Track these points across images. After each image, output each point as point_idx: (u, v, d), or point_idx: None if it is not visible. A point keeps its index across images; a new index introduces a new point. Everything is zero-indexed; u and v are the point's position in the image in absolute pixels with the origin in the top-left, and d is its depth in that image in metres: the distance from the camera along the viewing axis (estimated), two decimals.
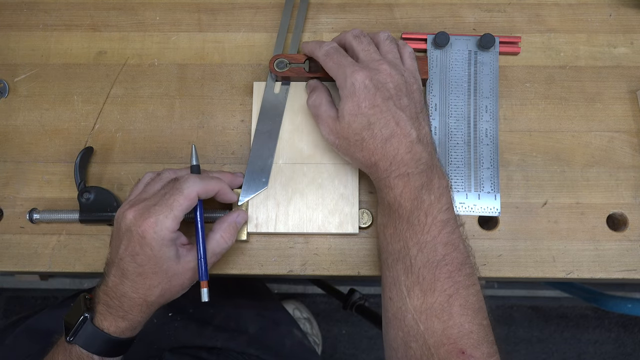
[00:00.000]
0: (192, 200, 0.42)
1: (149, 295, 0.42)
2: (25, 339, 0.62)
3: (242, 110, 0.54)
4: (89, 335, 0.42)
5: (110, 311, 0.43)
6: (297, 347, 0.73)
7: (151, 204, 0.42)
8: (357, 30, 0.47)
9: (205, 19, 0.56)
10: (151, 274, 0.42)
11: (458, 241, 0.42)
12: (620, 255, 0.50)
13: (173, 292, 0.44)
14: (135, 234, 0.41)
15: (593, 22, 0.55)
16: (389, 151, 0.42)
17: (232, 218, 0.47)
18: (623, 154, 0.52)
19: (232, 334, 0.66)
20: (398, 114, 0.43)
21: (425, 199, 0.42)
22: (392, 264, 0.43)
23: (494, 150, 0.51)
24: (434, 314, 0.40)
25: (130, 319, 0.43)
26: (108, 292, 0.43)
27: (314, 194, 0.50)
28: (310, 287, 1.29)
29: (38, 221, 0.50)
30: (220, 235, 0.45)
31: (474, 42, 0.53)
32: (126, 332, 0.43)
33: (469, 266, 0.42)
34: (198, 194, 0.43)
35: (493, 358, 0.40)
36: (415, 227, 0.42)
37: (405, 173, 0.42)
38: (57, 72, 0.55)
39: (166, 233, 0.41)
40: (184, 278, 0.44)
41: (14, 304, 1.30)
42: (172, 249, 0.42)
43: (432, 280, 0.40)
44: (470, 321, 0.40)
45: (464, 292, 0.41)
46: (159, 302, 0.44)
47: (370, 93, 0.43)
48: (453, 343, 0.39)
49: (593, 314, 1.29)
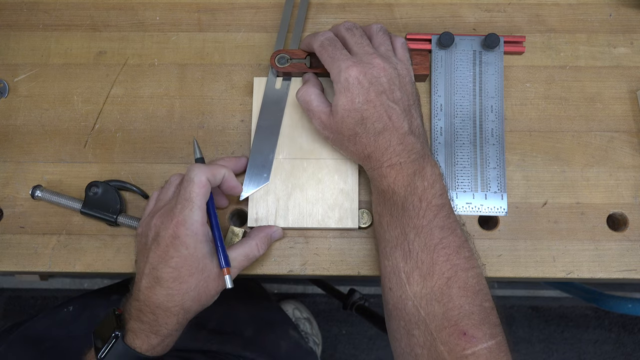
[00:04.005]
0: (205, 187, 0.42)
1: (185, 300, 0.41)
2: (19, 347, 0.61)
3: (242, 110, 0.54)
4: (120, 354, 0.41)
5: (142, 327, 0.42)
6: (293, 348, 0.72)
7: (171, 207, 0.42)
8: (349, 23, 0.47)
9: (205, 19, 0.56)
10: (187, 277, 0.41)
11: (455, 225, 0.42)
12: (620, 255, 0.50)
13: (208, 297, 0.43)
14: (166, 237, 0.40)
15: (593, 22, 0.55)
16: (382, 144, 0.43)
17: (269, 230, 0.48)
18: (623, 154, 0.52)
19: (227, 337, 0.66)
20: (391, 108, 0.43)
21: (419, 185, 0.42)
22: (390, 251, 0.43)
23: (500, 150, 0.51)
24: (434, 297, 0.40)
25: (164, 334, 0.42)
26: (141, 307, 0.42)
27: (313, 189, 0.50)
28: (310, 287, 1.29)
29: (39, 199, 0.50)
30: (256, 243, 0.46)
31: (478, 42, 0.53)
32: (157, 348, 0.42)
33: (467, 249, 0.42)
34: (207, 178, 0.42)
35: (496, 339, 0.39)
36: (410, 212, 0.42)
37: (397, 162, 0.43)
38: (57, 72, 0.55)
39: (198, 227, 0.41)
40: (219, 280, 0.43)
41: (14, 304, 1.29)
42: (207, 245, 0.42)
43: (430, 264, 0.41)
44: (470, 302, 0.40)
45: (463, 275, 0.41)
46: (194, 308, 0.42)
47: (363, 88, 0.43)
48: (454, 325, 0.39)
49: (593, 314, 1.29)
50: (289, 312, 1.22)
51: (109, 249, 0.51)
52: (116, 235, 0.51)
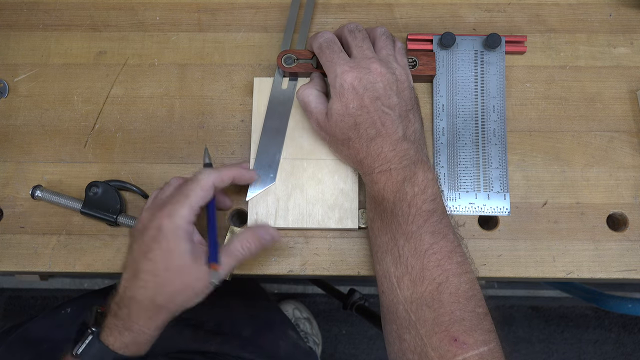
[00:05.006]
0: (207, 191, 0.42)
1: (157, 295, 0.40)
2: (18, 348, 0.61)
3: (242, 110, 0.54)
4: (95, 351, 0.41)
5: (117, 323, 0.41)
6: (291, 348, 0.72)
7: (165, 202, 0.41)
8: (352, 25, 0.47)
9: (205, 19, 0.56)
10: (163, 271, 0.39)
11: (446, 230, 0.42)
12: (620, 255, 0.50)
13: (186, 297, 0.41)
14: (151, 228, 0.40)
15: (593, 22, 0.55)
16: (373, 150, 0.43)
17: (257, 229, 0.45)
18: (623, 154, 0.52)
19: (225, 338, 0.65)
20: (385, 114, 0.43)
21: (408, 191, 0.42)
22: (381, 256, 0.43)
23: (502, 150, 0.51)
24: (425, 302, 0.40)
25: (136, 330, 0.41)
26: (118, 301, 0.41)
27: (313, 189, 0.50)
28: (310, 287, 1.29)
29: (39, 199, 0.50)
30: (240, 242, 0.43)
31: (480, 42, 0.53)
32: (131, 347, 0.41)
33: (460, 254, 0.42)
34: (214, 183, 0.42)
35: (488, 346, 0.39)
36: (399, 218, 0.42)
37: (387, 169, 0.43)
38: (57, 72, 0.55)
39: (181, 222, 0.40)
40: (199, 282, 0.41)
41: (14, 304, 1.29)
42: (187, 243, 0.40)
43: (420, 269, 0.40)
44: (461, 308, 0.39)
45: (455, 280, 0.40)
46: (168, 307, 0.41)
47: (358, 94, 0.43)
48: (445, 331, 0.39)
49: (593, 314, 1.29)
50: (289, 312, 1.22)
51: (109, 249, 0.51)
52: (116, 235, 0.51)
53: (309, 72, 0.51)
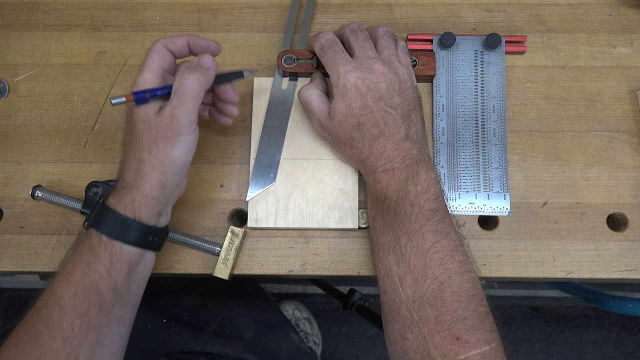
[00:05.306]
0: (161, 51, 0.41)
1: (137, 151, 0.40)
2: None
3: (242, 110, 0.54)
4: (98, 210, 0.40)
5: (116, 188, 0.41)
6: (293, 351, 0.72)
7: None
8: (355, 25, 0.47)
9: (205, 19, 0.56)
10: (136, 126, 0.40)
11: (449, 229, 0.42)
12: (620, 255, 0.50)
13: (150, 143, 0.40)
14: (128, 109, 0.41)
15: (593, 22, 0.55)
16: (376, 149, 0.44)
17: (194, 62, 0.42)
18: (623, 154, 0.52)
19: (228, 340, 0.66)
20: (388, 114, 0.43)
21: (411, 190, 0.42)
22: (383, 255, 0.43)
23: (502, 150, 0.51)
24: (427, 301, 0.40)
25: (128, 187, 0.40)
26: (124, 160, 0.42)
27: (313, 189, 0.50)
28: (310, 287, 1.29)
29: (39, 199, 0.50)
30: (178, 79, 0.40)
31: (480, 42, 0.53)
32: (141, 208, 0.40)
33: (462, 253, 0.42)
34: (164, 44, 0.42)
35: (491, 345, 0.39)
36: (402, 217, 0.42)
37: (390, 168, 0.43)
38: (57, 72, 0.55)
39: (143, 83, 0.40)
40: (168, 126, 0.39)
41: (14, 304, 1.29)
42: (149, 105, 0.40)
43: (423, 268, 0.41)
44: (464, 307, 0.40)
45: (457, 279, 0.40)
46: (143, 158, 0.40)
47: (361, 94, 0.43)
48: (447, 330, 0.39)
49: (593, 314, 1.29)
50: (289, 312, 1.22)
51: None
52: None
53: (309, 72, 0.51)
